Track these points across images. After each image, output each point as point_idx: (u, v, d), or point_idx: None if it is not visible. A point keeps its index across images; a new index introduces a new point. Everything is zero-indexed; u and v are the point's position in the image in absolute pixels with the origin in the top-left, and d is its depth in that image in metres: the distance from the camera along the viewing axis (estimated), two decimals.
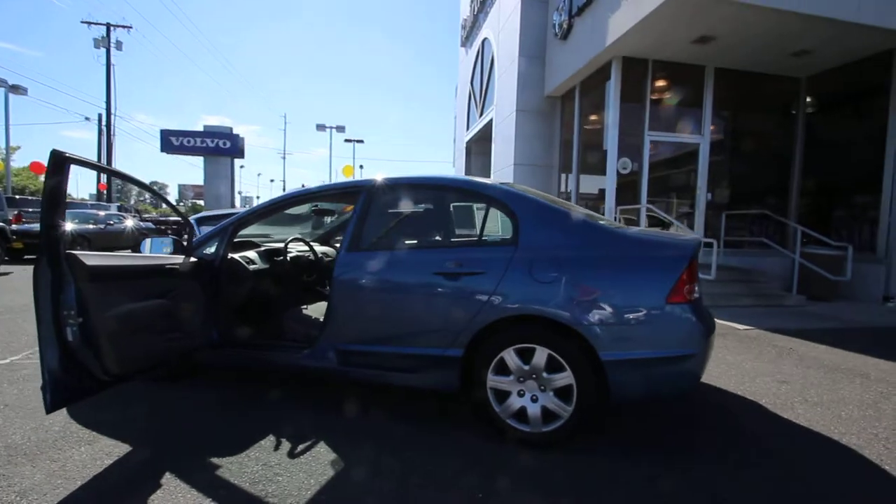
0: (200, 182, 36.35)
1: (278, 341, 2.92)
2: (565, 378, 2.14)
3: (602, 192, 8.17)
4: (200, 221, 8.82)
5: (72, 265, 1.93)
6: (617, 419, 2.49)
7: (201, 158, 31.63)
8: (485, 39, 12.65)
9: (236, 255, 3.14)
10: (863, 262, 6.38)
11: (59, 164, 1.87)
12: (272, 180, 68.41)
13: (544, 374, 2.18)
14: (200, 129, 31.94)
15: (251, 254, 3.31)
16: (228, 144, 32.94)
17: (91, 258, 2.02)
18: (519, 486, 1.85)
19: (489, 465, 2.01)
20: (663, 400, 2.66)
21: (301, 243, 3.78)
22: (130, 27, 30.49)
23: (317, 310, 3.47)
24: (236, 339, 2.88)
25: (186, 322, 2.58)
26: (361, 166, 51.45)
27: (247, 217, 2.98)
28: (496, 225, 4.14)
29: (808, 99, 8.02)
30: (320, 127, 36.21)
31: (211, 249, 2.96)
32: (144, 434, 2.27)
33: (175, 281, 2.56)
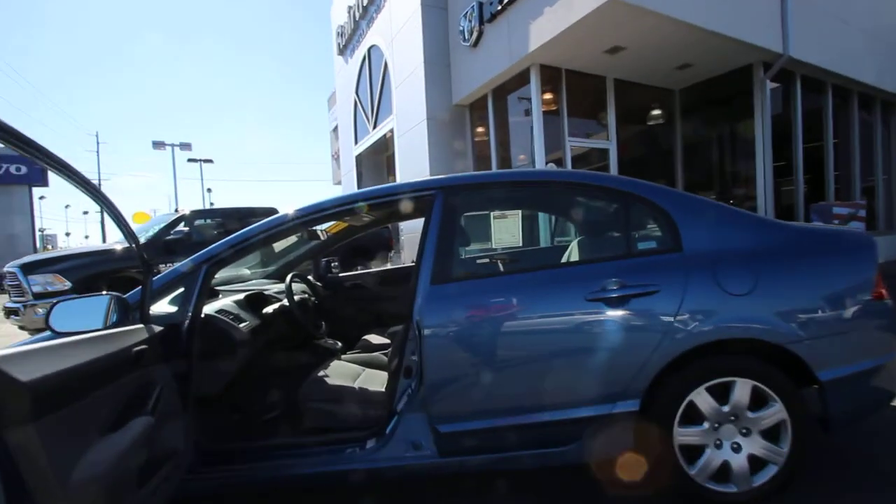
0: None
1: (318, 437, 1.88)
2: (777, 413, 1.68)
3: None
4: (29, 268, 6.47)
5: None
6: None
7: None
8: (372, 47, 11.98)
9: (211, 311, 2.01)
10: None
11: None
12: (86, 212, 55.74)
13: (749, 414, 1.69)
14: None
15: (227, 305, 2.17)
16: (24, 170, 25.96)
17: (17, 361, 0.89)
18: None
19: None
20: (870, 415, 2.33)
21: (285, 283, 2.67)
22: None
23: (336, 373, 2.44)
24: (236, 448, 1.79)
25: (170, 441, 1.46)
26: (209, 189, 45.25)
27: (232, 249, 1.88)
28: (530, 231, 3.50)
29: (681, 108, 9.19)
30: (158, 144, 30.97)
31: (166, 306, 1.83)
32: None
33: (149, 373, 1.42)
